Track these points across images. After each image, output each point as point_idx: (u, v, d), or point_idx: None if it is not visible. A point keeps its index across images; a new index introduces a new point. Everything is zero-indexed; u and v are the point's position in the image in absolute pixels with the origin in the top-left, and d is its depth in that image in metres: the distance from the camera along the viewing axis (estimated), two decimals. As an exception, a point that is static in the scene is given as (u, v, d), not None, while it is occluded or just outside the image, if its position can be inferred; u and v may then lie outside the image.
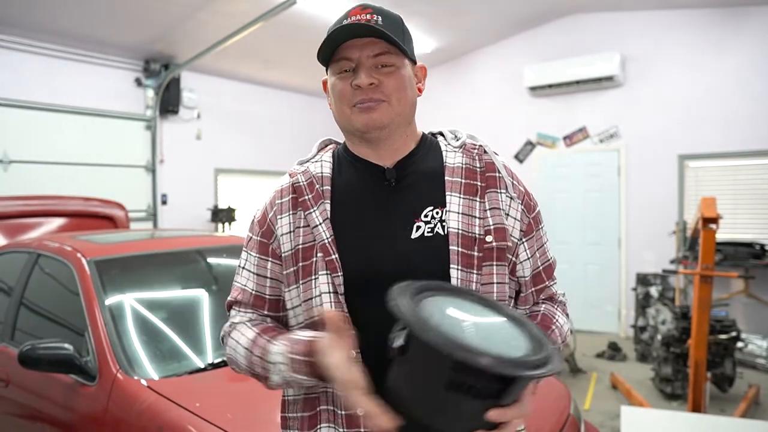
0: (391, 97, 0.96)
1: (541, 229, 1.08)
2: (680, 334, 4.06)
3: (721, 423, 2.54)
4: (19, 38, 4.96)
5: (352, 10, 0.97)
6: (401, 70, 0.97)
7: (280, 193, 1.05)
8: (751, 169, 5.33)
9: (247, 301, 1.05)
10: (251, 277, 1.05)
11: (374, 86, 0.95)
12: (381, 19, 0.96)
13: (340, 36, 0.94)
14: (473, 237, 0.96)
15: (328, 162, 1.06)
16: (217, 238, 3.20)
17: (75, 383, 1.93)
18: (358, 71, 0.95)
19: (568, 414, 2.00)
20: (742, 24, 5.26)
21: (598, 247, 6.10)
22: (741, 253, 4.88)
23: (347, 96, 0.96)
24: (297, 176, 1.04)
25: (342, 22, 0.96)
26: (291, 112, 7.52)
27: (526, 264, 1.04)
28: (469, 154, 1.03)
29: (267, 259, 1.04)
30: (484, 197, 0.99)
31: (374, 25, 0.93)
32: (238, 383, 1.90)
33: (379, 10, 0.97)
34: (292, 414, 1.02)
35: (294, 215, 1.01)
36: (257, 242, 1.05)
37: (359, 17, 0.95)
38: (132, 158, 5.87)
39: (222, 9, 4.94)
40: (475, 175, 1.01)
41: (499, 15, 5.97)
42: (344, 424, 0.93)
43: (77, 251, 2.36)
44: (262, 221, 1.05)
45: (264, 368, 0.95)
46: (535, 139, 6.48)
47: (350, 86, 0.95)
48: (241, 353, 0.99)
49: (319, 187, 1.01)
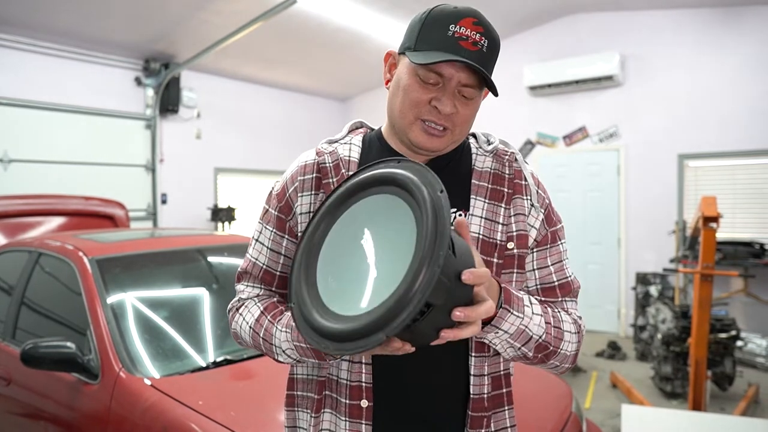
0: (457, 127, 0.94)
1: (561, 245, 1.03)
2: (680, 333, 4.07)
3: (721, 421, 2.54)
4: (19, 37, 4.95)
5: (464, 18, 0.89)
6: (477, 101, 0.94)
7: (303, 168, 1.02)
8: (750, 169, 5.34)
9: (257, 275, 1.05)
10: (264, 251, 1.05)
11: (451, 114, 0.92)
12: (487, 44, 0.90)
13: (444, 49, 0.88)
14: (494, 243, 0.95)
15: (357, 146, 1.03)
16: (218, 237, 3.20)
17: (77, 382, 1.93)
18: (442, 92, 0.91)
19: (570, 412, 2.00)
20: (741, 24, 5.27)
21: (597, 247, 6.11)
22: (740, 252, 4.89)
23: (420, 108, 0.92)
24: (324, 156, 1.01)
25: (449, 29, 0.89)
26: (291, 111, 7.52)
27: (530, 275, 1.01)
28: (499, 159, 1.02)
29: (283, 236, 1.03)
30: (510, 203, 0.98)
31: (479, 51, 0.89)
32: (240, 381, 1.90)
33: (488, 31, 0.90)
34: (301, 392, 1.02)
35: (315, 196, 0.99)
36: (275, 217, 1.04)
37: (468, 34, 0.89)
38: (132, 157, 5.87)
39: (222, 8, 4.94)
40: (503, 182, 0.99)
41: (498, 15, 5.97)
42: (347, 414, 0.94)
43: (79, 250, 2.36)
44: (281, 195, 1.04)
45: (269, 349, 0.98)
46: (534, 138, 6.49)
47: (428, 102, 0.92)
48: (246, 331, 1.00)
49: (345, 171, 0.99)
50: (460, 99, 0.92)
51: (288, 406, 1.04)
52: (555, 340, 0.94)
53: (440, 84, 0.91)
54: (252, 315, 1.00)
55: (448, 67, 0.89)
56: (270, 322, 0.98)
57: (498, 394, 0.98)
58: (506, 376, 1.00)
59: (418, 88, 0.92)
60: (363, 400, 0.93)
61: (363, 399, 0.93)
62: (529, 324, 0.89)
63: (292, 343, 0.93)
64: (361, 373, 0.94)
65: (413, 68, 0.92)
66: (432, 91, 0.91)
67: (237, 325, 1.03)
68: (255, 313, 1.00)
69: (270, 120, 7.26)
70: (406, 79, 0.93)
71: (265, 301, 1.03)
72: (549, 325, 0.94)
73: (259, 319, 0.99)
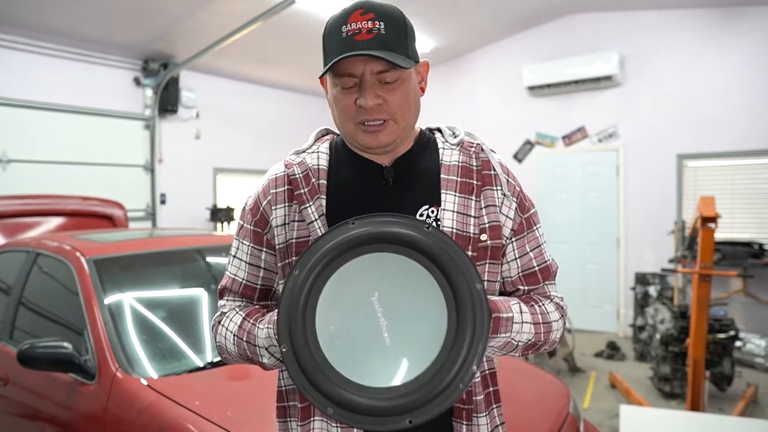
0: (395, 114, 0.94)
1: (537, 230, 1.05)
2: (679, 333, 4.07)
3: (719, 422, 2.54)
4: (18, 37, 4.95)
5: (352, 14, 0.91)
6: (406, 82, 0.94)
7: (274, 182, 1.04)
8: (749, 169, 5.34)
9: (237, 290, 1.06)
10: (242, 266, 1.06)
11: (379, 106, 0.92)
12: (383, 25, 0.90)
13: (341, 51, 0.89)
14: (468, 236, 0.96)
15: (324, 154, 1.05)
16: (216, 238, 3.19)
17: (74, 382, 1.93)
18: (362, 89, 0.91)
19: (567, 413, 2.00)
20: (740, 24, 5.27)
21: (596, 247, 6.11)
22: (739, 252, 4.89)
23: (351, 113, 0.94)
24: (293, 167, 1.02)
25: (342, 31, 0.90)
26: (290, 111, 7.51)
27: (513, 264, 1.03)
28: (466, 152, 1.02)
29: (261, 249, 1.05)
30: (480, 195, 0.99)
31: (377, 36, 0.89)
32: (237, 382, 1.90)
33: (379, 12, 0.91)
34: (292, 403, 1.02)
35: (289, 207, 1.00)
36: (251, 231, 1.05)
37: (360, 26, 0.89)
38: (131, 157, 5.87)
39: (221, 8, 4.94)
40: (471, 174, 1.00)
41: (497, 15, 5.97)
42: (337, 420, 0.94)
43: (76, 250, 2.36)
44: (255, 209, 1.05)
45: (253, 352, 0.97)
46: (533, 138, 6.49)
47: (354, 104, 0.93)
48: (230, 340, 1.00)
49: (315, 180, 1.00)
50: (382, 87, 0.92)
51: (279, 418, 1.04)
52: (544, 335, 0.99)
53: (358, 83, 0.92)
54: (234, 323, 1.01)
55: (353, 64, 0.90)
56: (252, 324, 0.98)
57: (487, 394, 0.99)
58: (492, 375, 1.02)
59: (342, 96, 0.94)
60: None
61: None
62: (515, 336, 0.94)
63: (272, 340, 0.93)
64: None
65: (331, 80, 0.95)
66: (354, 92, 0.93)
67: (221, 337, 1.03)
68: (237, 320, 1.01)
69: (269, 120, 7.25)
70: (332, 93, 0.96)
71: (246, 309, 1.04)
72: (538, 325, 0.98)
73: (242, 324, 1.00)
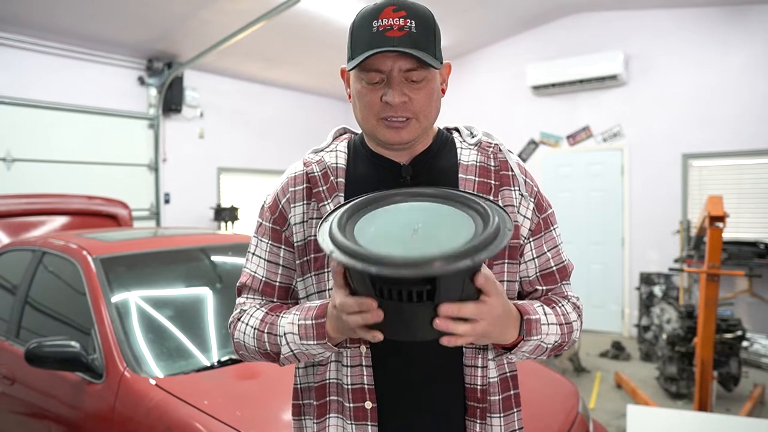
0: (419, 113, 0.95)
1: (554, 230, 1.06)
2: (685, 333, 4.05)
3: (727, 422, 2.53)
4: (23, 37, 4.95)
5: (384, 9, 0.90)
6: (431, 82, 0.94)
7: (293, 180, 1.04)
8: (755, 168, 5.32)
9: (257, 288, 1.06)
10: (262, 264, 1.06)
11: (404, 103, 0.93)
12: (414, 24, 0.90)
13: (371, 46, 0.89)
14: None
15: (343, 152, 1.05)
16: (221, 237, 3.19)
17: (82, 381, 1.92)
18: (388, 86, 0.92)
19: (576, 412, 1.99)
20: (746, 22, 5.25)
21: (601, 247, 6.09)
22: (745, 252, 4.87)
23: (375, 108, 0.94)
24: (312, 165, 1.03)
25: (372, 26, 0.90)
26: (294, 110, 7.51)
27: (530, 264, 1.03)
28: (484, 152, 1.03)
29: (280, 246, 1.05)
30: (498, 195, 0.99)
31: (408, 34, 0.89)
32: (245, 381, 1.90)
33: (411, 11, 0.91)
34: (306, 401, 1.03)
35: (307, 205, 1.01)
36: (269, 228, 1.06)
37: (392, 22, 0.89)
38: (135, 157, 5.87)
39: (225, 7, 4.94)
40: (489, 174, 1.00)
41: (502, 14, 5.96)
42: (352, 417, 0.95)
43: (83, 249, 2.36)
44: (274, 207, 1.06)
45: (273, 342, 0.96)
46: (538, 138, 6.47)
47: (380, 100, 0.93)
48: (249, 334, 0.99)
49: (333, 178, 1.01)
50: (409, 85, 0.93)
51: (295, 416, 1.05)
52: (567, 336, 1.00)
53: (385, 80, 0.92)
54: (256, 318, 1.00)
55: (382, 60, 0.90)
56: (275, 316, 0.98)
57: (506, 397, 0.99)
58: (513, 377, 1.02)
59: (368, 91, 0.94)
60: (367, 401, 0.95)
61: (367, 401, 0.95)
62: (544, 339, 0.95)
63: (296, 324, 0.92)
64: (363, 376, 0.95)
65: (356, 74, 0.95)
66: (380, 88, 0.93)
67: (240, 333, 1.02)
68: (259, 315, 1.00)
69: (273, 119, 7.25)
70: (357, 87, 0.96)
71: (268, 305, 1.03)
72: (561, 326, 0.98)
73: (264, 318, 0.99)
